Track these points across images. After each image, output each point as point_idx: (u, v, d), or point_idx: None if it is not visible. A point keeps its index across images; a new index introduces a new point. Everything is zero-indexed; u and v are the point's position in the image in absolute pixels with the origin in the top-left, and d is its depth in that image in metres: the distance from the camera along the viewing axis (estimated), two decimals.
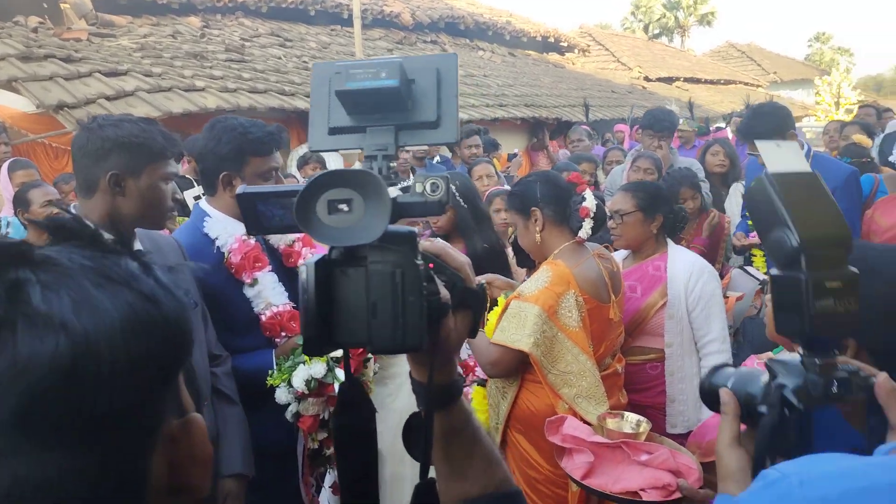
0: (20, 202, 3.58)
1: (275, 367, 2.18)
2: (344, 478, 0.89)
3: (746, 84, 22.66)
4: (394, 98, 0.92)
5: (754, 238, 3.85)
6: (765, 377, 0.98)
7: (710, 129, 8.08)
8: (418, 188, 0.88)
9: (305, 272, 0.76)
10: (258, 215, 0.98)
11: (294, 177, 5.33)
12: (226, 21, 9.95)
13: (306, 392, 2.08)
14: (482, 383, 2.50)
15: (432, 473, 0.90)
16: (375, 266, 0.77)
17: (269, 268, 2.33)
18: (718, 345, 2.66)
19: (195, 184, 5.34)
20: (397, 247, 0.78)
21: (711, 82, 20.63)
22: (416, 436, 0.90)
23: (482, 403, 2.50)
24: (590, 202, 2.29)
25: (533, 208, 2.35)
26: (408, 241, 0.80)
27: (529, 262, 3.09)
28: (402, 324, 0.75)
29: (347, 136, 0.98)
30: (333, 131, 0.98)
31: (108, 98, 5.70)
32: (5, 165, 4.40)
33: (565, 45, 17.05)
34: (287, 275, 2.44)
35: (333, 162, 6.72)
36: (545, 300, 2.19)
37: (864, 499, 0.61)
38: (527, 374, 2.28)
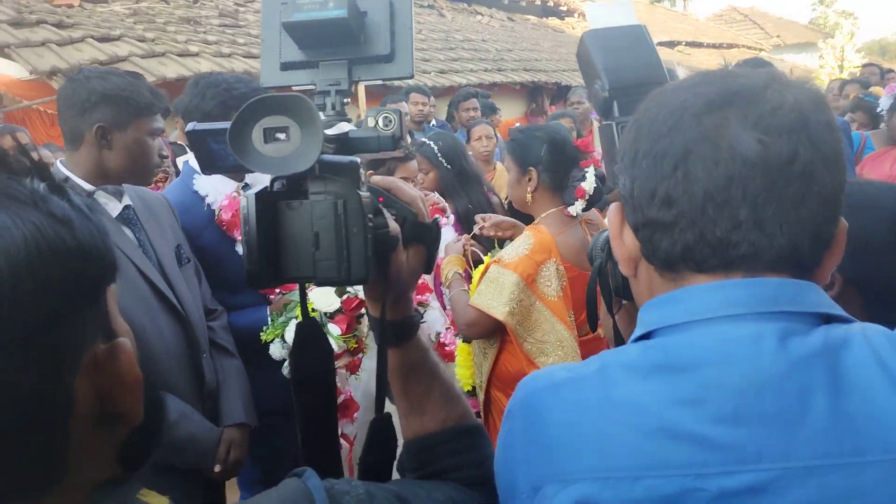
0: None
1: (269, 323, 2.19)
2: (302, 422, 0.89)
3: (749, 48, 22.39)
4: (344, 30, 0.89)
5: None
6: None
7: None
8: (370, 122, 0.86)
9: (246, 205, 0.74)
10: (212, 153, 0.96)
11: None
12: None
13: None
14: (468, 340, 2.50)
15: (390, 409, 0.89)
16: (317, 197, 0.75)
17: None
18: None
19: (187, 150, 5.32)
20: (339, 177, 0.76)
21: (714, 46, 20.39)
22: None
23: (467, 360, 2.50)
24: (588, 184, 2.22)
25: (531, 168, 2.30)
26: (350, 172, 0.78)
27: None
28: (346, 256, 0.73)
29: (300, 71, 0.95)
30: (286, 66, 0.96)
31: (101, 63, 5.61)
32: None
33: (565, 9, 16.81)
34: None
35: None
36: (524, 268, 2.16)
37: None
38: (506, 336, 2.27)
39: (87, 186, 1.76)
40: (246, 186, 2.40)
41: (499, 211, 3.30)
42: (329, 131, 0.85)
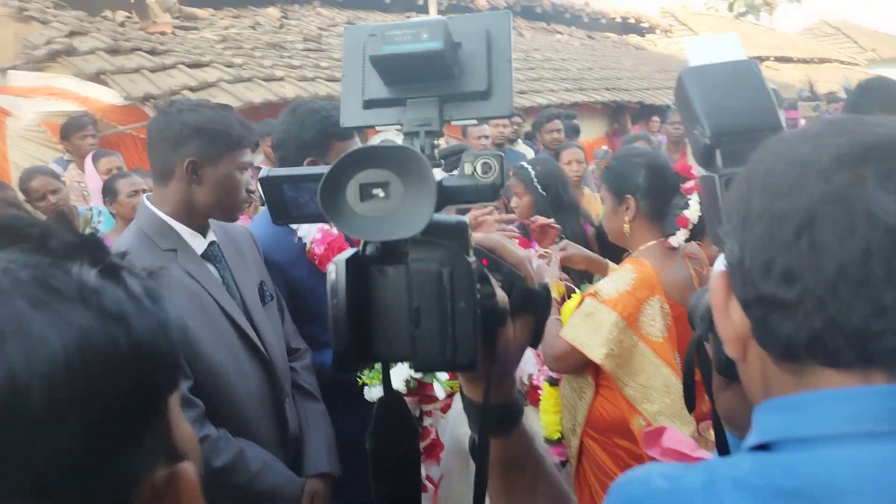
0: (108, 192, 3.63)
1: None
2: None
3: (843, 63, 21.37)
4: (437, 64, 0.79)
5: None
6: None
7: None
8: (467, 169, 0.75)
9: (335, 272, 0.63)
10: (286, 202, 0.86)
11: None
12: (303, 11, 10.02)
13: (404, 392, 1.98)
14: (554, 382, 2.33)
15: None
16: (418, 264, 0.63)
17: None
18: None
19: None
20: (445, 241, 0.64)
21: (804, 61, 19.54)
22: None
23: (555, 405, 2.33)
24: (692, 212, 2.04)
25: (628, 195, 2.13)
26: (458, 234, 0.67)
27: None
28: (452, 335, 0.62)
29: (385, 109, 0.84)
30: (369, 105, 0.84)
31: (191, 89, 5.78)
32: (89, 157, 4.50)
33: (646, 26, 16.47)
34: None
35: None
36: (625, 306, 1.98)
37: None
38: (602, 378, 2.10)
39: (176, 225, 1.71)
40: None
41: (592, 243, 3.14)
42: None
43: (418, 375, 1.97)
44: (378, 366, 2.02)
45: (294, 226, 2.19)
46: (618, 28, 15.62)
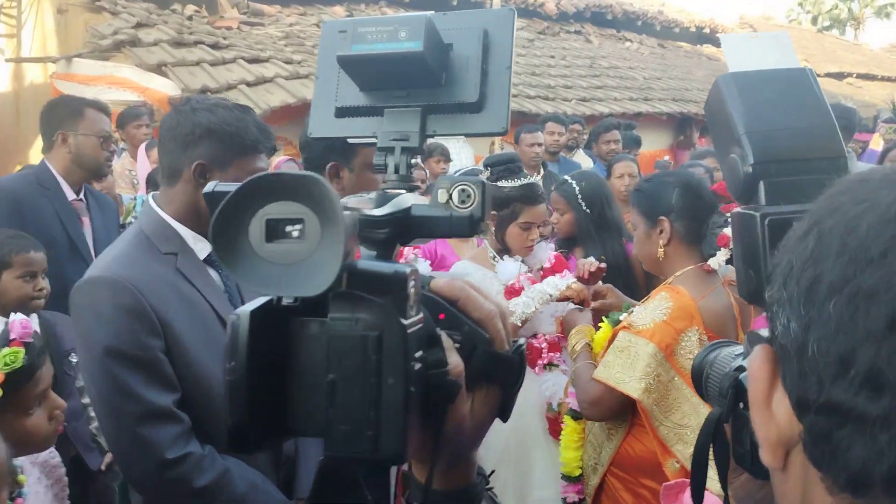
0: (151, 183, 3.64)
1: None
2: None
3: None
4: (419, 69, 0.68)
5: None
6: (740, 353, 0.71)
7: None
8: (441, 197, 0.63)
9: (237, 326, 0.51)
10: None
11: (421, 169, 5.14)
12: (369, 10, 10.02)
13: None
14: (578, 416, 2.17)
15: None
16: (337, 326, 0.50)
17: None
18: None
19: (296, 164, 5.34)
20: (377, 296, 0.51)
21: (889, 79, 18.56)
22: None
23: (577, 440, 2.17)
24: None
25: (661, 217, 1.97)
26: (394, 287, 0.52)
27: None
28: (374, 419, 0.49)
29: (359, 119, 0.74)
30: (341, 113, 0.74)
31: (248, 84, 5.81)
32: (143, 146, 4.54)
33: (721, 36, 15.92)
34: None
35: (460, 158, 6.51)
36: (662, 337, 1.82)
37: None
38: (636, 418, 1.93)
39: (179, 227, 1.63)
40: None
41: (635, 265, 2.95)
42: (381, 210, 0.62)
43: None
44: None
45: None
46: (692, 38, 15.13)
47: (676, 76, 11.10)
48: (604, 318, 2.16)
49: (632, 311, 2.08)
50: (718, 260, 1.91)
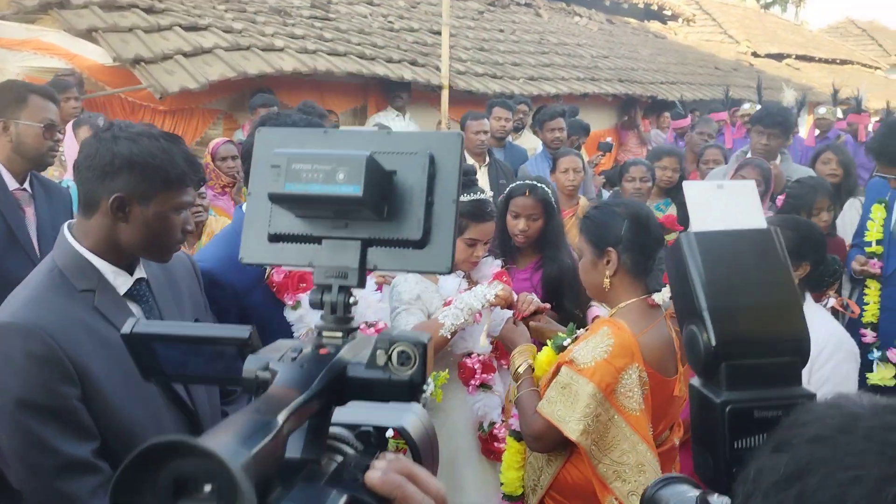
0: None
1: None
2: None
3: (864, 66, 20.89)
4: (358, 208, 0.66)
5: (876, 267, 3.34)
6: None
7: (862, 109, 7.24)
8: (380, 359, 0.61)
9: None
10: (158, 360, 0.71)
11: None
12: None
13: None
14: (519, 437, 2.18)
15: None
16: None
17: None
18: None
19: None
20: None
21: (826, 61, 19.09)
22: None
23: (519, 461, 2.18)
24: None
25: (609, 248, 1.97)
26: None
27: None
28: None
29: (293, 246, 0.71)
30: (275, 238, 0.71)
31: (185, 54, 5.55)
32: (70, 123, 4.31)
33: (669, 13, 16.04)
34: None
35: (407, 128, 6.43)
36: (602, 376, 1.83)
37: None
38: (576, 447, 1.95)
39: (97, 261, 1.54)
40: None
41: None
42: (313, 385, 0.59)
43: None
44: None
45: None
46: (639, 13, 15.20)
47: (623, 55, 11.15)
48: (548, 341, 2.17)
49: (576, 337, 2.09)
50: (663, 296, 1.92)
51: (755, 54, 16.82)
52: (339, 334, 0.69)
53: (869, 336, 3.34)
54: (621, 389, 1.85)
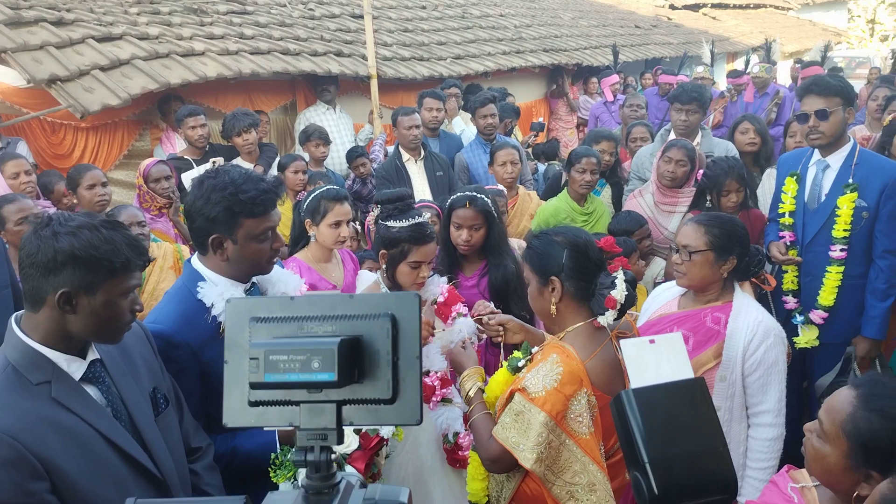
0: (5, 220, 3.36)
1: (279, 450, 2.02)
2: None
3: (777, 8, 21.50)
4: (335, 386, 0.75)
5: (789, 239, 3.56)
6: None
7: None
8: None
9: None
10: None
11: (301, 159, 5.03)
12: None
13: (354, 450, 1.97)
14: None
15: None
16: None
17: None
18: (772, 417, 2.44)
19: (194, 165, 5.10)
20: None
21: (740, 7, 19.58)
22: None
23: (483, 472, 2.30)
24: (619, 292, 1.98)
25: (553, 277, 2.07)
26: None
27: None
28: None
29: (273, 409, 0.79)
30: (255, 404, 0.79)
31: (102, 69, 5.38)
32: None
33: None
34: None
35: (340, 132, 6.40)
36: (553, 405, 1.92)
37: None
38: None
39: (49, 353, 1.58)
40: (253, 287, 2.21)
41: None
42: None
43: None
44: (287, 461, 1.97)
45: (208, 301, 2.07)
46: None
47: (546, 21, 11.24)
48: (504, 361, 2.28)
49: (530, 359, 2.20)
50: (607, 319, 2.03)
51: (672, 7, 17.14)
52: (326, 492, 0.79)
53: (791, 302, 3.58)
54: (571, 415, 1.95)
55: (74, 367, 1.61)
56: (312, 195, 3.21)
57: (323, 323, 0.80)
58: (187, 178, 5.12)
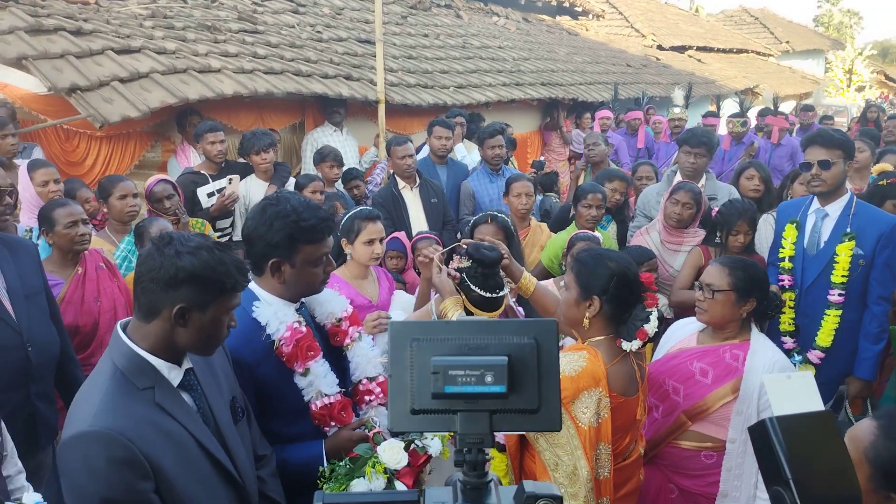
0: (44, 221, 3.44)
1: (325, 463, 2.13)
2: None
3: (759, 53, 22.23)
4: (504, 398, 0.87)
5: (787, 282, 3.77)
6: None
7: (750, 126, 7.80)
8: None
9: None
10: None
11: (319, 179, 5.16)
12: None
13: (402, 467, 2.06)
14: (502, 448, 2.46)
15: None
16: None
17: (321, 355, 2.25)
18: None
19: (209, 180, 5.19)
20: None
21: (724, 51, 20.23)
22: None
23: (503, 469, 2.47)
24: (651, 327, 2.18)
25: (594, 296, 2.25)
26: None
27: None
28: None
29: (433, 416, 0.92)
30: (417, 412, 0.92)
31: (121, 80, 5.47)
32: (24, 165, 4.23)
33: (579, 9, 16.60)
34: (334, 354, 2.38)
35: (346, 153, 6.53)
36: (564, 388, 2.09)
37: None
38: (522, 469, 2.27)
39: (154, 360, 1.70)
40: (302, 306, 2.32)
41: None
42: None
43: (379, 490, 2.01)
44: (340, 475, 2.08)
45: (262, 321, 2.18)
46: (552, 10, 15.69)
47: (542, 55, 11.54)
48: None
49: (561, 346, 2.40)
50: (633, 346, 2.22)
51: (660, 47, 17.66)
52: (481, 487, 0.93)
53: (789, 343, 3.78)
54: (578, 403, 2.14)
55: (174, 375, 1.73)
56: (347, 216, 3.36)
57: (481, 344, 0.94)
58: (202, 192, 5.22)
